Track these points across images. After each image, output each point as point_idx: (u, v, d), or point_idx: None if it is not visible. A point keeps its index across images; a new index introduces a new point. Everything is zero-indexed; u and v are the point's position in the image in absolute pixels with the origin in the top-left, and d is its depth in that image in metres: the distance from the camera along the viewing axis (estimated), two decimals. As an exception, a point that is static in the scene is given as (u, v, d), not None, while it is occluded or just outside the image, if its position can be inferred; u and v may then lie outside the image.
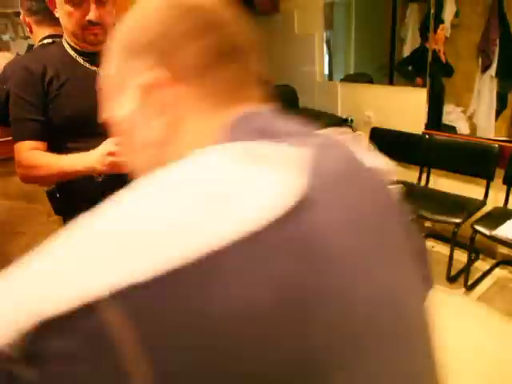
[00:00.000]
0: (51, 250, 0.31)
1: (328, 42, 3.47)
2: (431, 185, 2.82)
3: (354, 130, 3.31)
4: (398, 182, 1.05)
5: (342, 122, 3.28)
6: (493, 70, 2.97)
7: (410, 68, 3.15)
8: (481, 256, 2.66)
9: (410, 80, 3.11)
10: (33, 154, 1.19)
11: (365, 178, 0.47)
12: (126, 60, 0.46)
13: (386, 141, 3.06)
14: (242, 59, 0.45)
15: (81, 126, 1.20)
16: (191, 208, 0.32)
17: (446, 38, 2.95)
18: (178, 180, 0.35)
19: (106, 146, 1.08)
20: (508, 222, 2.18)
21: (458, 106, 3.11)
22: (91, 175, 1.15)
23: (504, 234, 2.08)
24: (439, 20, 2.94)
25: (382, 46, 3.28)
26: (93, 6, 1.12)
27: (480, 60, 2.99)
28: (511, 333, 2.06)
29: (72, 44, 1.23)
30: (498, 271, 2.53)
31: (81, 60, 1.22)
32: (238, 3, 0.97)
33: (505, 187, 2.41)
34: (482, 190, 2.50)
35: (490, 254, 2.62)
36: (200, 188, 0.34)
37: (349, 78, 3.43)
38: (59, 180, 1.21)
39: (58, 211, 1.37)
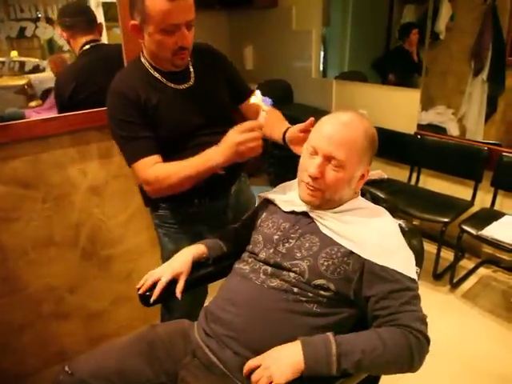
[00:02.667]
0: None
1: (323, 39, 3.49)
2: (421, 184, 2.88)
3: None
4: (389, 180, 1.11)
5: (336, 120, 3.30)
6: (484, 74, 3.02)
7: (386, 66, 3.27)
8: (466, 255, 2.72)
9: (384, 77, 3.25)
10: (158, 167, 1.20)
11: None
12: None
13: (379, 139, 3.10)
14: None
15: (177, 142, 1.25)
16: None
17: (441, 40, 2.99)
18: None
19: (233, 137, 1.08)
20: (494, 223, 2.24)
21: (448, 107, 3.15)
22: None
23: (490, 234, 2.14)
24: (432, 23, 2.98)
25: (377, 46, 3.31)
26: (186, 33, 1.15)
27: (473, 63, 3.03)
28: (493, 329, 2.13)
29: (154, 65, 1.26)
30: (482, 270, 2.60)
31: (164, 80, 1.26)
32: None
33: (492, 189, 2.46)
34: (470, 191, 2.56)
35: (475, 253, 2.69)
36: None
37: (343, 76, 3.45)
38: (191, 183, 1.20)
39: (146, 203, 1.44)
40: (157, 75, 1.26)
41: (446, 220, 2.33)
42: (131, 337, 1.08)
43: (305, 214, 1.08)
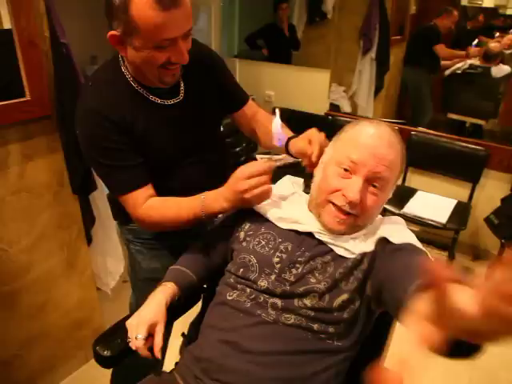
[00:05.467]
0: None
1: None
2: (334, 165, 2.92)
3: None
4: (302, 163, 1.00)
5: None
6: (373, 53, 3.15)
7: (259, 41, 3.35)
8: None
9: (257, 51, 3.31)
10: (151, 206, 1.03)
11: None
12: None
13: (289, 121, 3.05)
14: None
15: (164, 167, 1.09)
16: None
17: (329, 19, 3.02)
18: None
19: (237, 183, 0.93)
20: (411, 200, 2.37)
21: (340, 85, 3.24)
22: None
23: (411, 211, 2.26)
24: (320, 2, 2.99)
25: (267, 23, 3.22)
26: (182, 48, 0.91)
27: (361, 42, 3.14)
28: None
29: (136, 79, 1.03)
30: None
31: (148, 94, 1.04)
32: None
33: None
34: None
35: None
36: None
37: (243, 55, 3.31)
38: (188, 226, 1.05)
39: (115, 217, 1.30)
40: (140, 90, 1.03)
41: (368, 201, 2.38)
42: None
43: (310, 234, 0.91)
